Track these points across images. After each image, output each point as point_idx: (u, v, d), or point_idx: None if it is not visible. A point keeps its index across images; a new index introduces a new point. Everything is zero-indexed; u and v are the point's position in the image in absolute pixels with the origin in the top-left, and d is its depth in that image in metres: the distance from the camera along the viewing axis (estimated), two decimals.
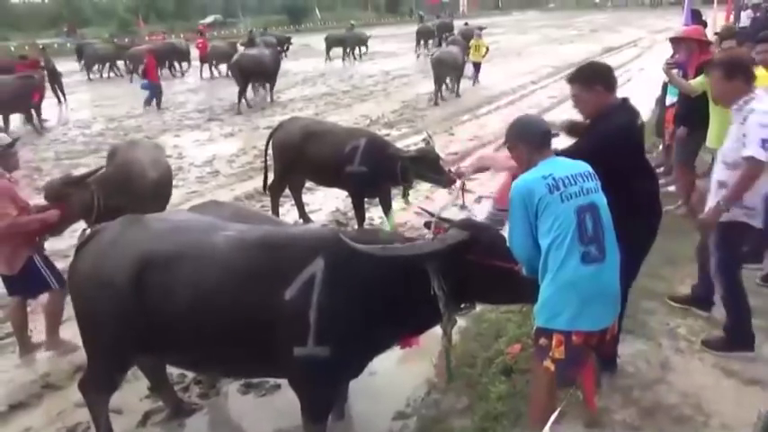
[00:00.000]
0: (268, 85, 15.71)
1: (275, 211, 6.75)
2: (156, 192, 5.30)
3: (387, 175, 5.94)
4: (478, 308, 3.99)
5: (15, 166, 4.47)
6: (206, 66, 21.37)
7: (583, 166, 2.79)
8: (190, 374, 4.17)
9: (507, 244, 2.81)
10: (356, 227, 6.33)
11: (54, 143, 12.19)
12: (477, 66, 16.68)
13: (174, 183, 6.35)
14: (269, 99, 15.65)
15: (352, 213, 6.74)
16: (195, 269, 2.93)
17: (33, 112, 13.09)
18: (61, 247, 6.60)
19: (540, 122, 2.90)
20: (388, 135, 11.30)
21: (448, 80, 15.30)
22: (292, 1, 54.21)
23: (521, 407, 3.36)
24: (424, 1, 59.38)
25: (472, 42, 16.56)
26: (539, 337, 2.73)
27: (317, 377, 2.91)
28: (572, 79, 3.35)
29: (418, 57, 24.75)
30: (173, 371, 3.97)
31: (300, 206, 6.96)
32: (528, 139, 2.81)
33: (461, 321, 3.96)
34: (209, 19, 46.94)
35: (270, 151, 6.74)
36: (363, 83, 18.70)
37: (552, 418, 2.20)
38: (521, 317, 4.32)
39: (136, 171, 5.20)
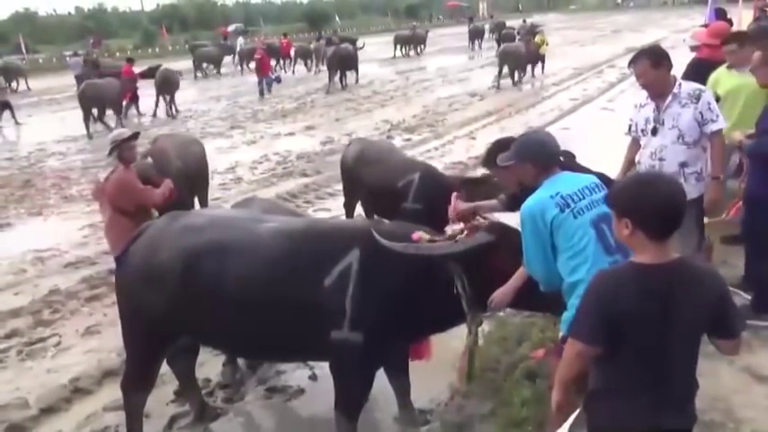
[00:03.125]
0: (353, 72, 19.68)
1: None
2: (185, 177, 5.72)
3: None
4: (502, 312, 3.98)
5: (134, 157, 4.68)
6: (286, 62, 25.48)
7: (588, 179, 2.76)
8: (215, 379, 4.22)
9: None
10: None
11: (81, 152, 12.46)
12: (541, 58, 18.08)
13: None
14: (355, 82, 19.56)
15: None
16: (242, 258, 3.08)
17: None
18: (88, 254, 6.77)
19: (551, 143, 2.83)
20: (408, 140, 11.34)
21: (515, 72, 17.19)
22: (312, 8, 54.67)
23: (544, 412, 3.32)
24: (443, 5, 59.41)
25: (538, 38, 18.07)
26: (564, 342, 2.70)
27: (351, 361, 3.04)
28: (487, 163, 3.28)
29: (472, 57, 26.92)
30: (198, 375, 4.02)
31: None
32: (538, 160, 2.76)
33: (485, 325, 3.95)
34: (231, 27, 47.54)
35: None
36: (384, 88, 18.75)
37: (572, 417, 2.18)
38: (544, 321, 4.27)
39: (162, 160, 5.64)
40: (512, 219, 3.15)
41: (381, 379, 3.48)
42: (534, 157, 2.77)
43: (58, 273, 6.36)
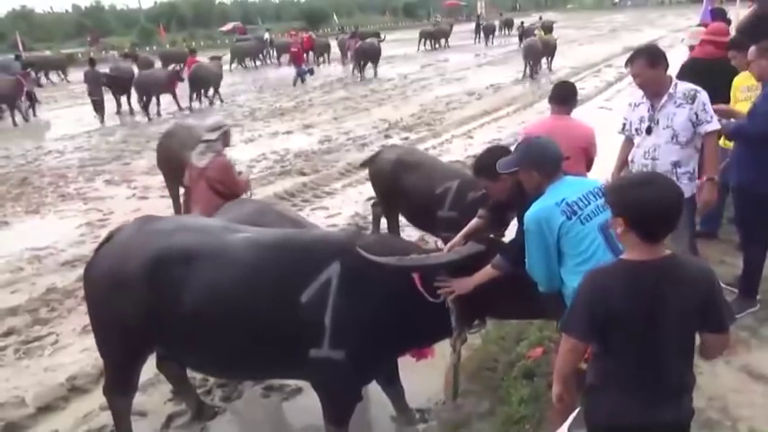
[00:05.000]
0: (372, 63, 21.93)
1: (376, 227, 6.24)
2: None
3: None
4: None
5: (228, 142, 5.18)
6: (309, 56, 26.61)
7: (592, 183, 2.76)
8: (212, 378, 4.21)
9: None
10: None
11: (78, 150, 12.43)
12: (552, 53, 20.25)
13: None
14: (374, 74, 21.49)
15: (371, 217, 6.74)
16: (211, 268, 2.93)
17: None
18: (85, 252, 6.75)
19: (554, 148, 2.81)
20: (406, 139, 11.34)
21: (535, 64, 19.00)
22: (310, 7, 54.60)
23: (542, 410, 3.33)
24: (441, 4, 59.35)
25: (539, 33, 20.13)
26: None
27: (334, 380, 2.94)
28: (477, 173, 3.24)
29: (479, 54, 27.34)
30: (195, 374, 4.00)
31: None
32: (543, 167, 2.74)
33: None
34: (229, 26, 47.51)
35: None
36: (381, 86, 18.74)
37: (572, 417, 2.18)
38: (542, 321, 4.28)
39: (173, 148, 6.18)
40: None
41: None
42: (539, 164, 2.75)
43: (55, 271, 6.35)
